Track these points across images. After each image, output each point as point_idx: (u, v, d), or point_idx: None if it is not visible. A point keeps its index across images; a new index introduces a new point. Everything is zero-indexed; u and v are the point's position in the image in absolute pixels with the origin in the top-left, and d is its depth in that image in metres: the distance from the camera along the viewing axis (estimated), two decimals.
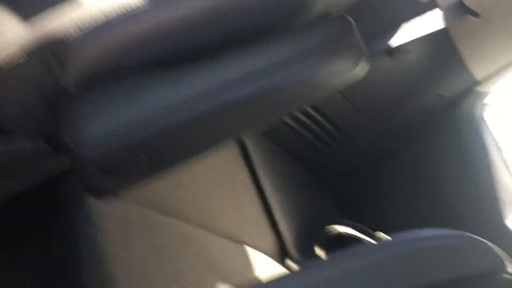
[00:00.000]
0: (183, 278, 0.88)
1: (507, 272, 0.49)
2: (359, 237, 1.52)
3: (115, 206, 0.80)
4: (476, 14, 1.52)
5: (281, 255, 1.37)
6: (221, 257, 1.04)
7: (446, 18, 1.55)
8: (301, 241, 1.47)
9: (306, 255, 1.45)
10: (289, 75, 0.61)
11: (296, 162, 1.82)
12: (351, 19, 0.70)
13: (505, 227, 1.70)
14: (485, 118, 1.93)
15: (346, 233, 1.52)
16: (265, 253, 1.28)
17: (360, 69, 0.68)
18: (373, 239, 1.58)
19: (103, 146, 0.58)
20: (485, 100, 1.92)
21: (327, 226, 1.50)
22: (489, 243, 0.51)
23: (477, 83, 1.82)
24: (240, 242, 1.19)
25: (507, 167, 1.87)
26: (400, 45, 1.58)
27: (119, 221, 0.79)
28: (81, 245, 0.73)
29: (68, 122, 0.62)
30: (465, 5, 1.53)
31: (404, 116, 1.87)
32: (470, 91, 1.85)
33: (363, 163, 1.98)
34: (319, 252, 1.44)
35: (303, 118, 1.74)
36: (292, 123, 1.72)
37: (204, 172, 1.22)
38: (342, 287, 0.46)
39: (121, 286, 0.74)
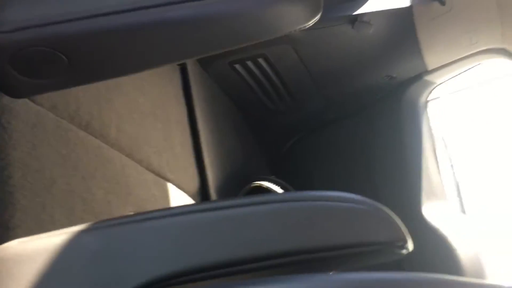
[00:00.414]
0: (90, 197, 0.84)
1: (405, 247, 0.49)
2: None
3: (29, 108, 0.74)
4: (442, 2, 1.53)
5: (202, 200, 1.35)
6: (136, 186, 1.01)
7: None
8: (225, 189, 1.46)
9: None
10: (236, 3, 0.57)
11: (237, 111, 1.79)
12: None
13: (420, 214, 1.78)
14: (427, 107, 1.99)
15: (269, 188, 1.53)
16: (186, 194, 1.26)
17: (312, 21, 0.65)
18: None
19: (19, 32, 0.53)
20: (431, 90, 1.97)
21: (254, 182, 1.50)
22: (394, 215, 0.51)
23: (427, 72, 1.86)
24: (162, 177, 1.16)
25: (435, 158, 1.94)
26: (363, 16, 1.57)
27: (30, 125, 0.73)
28: None
29: None
30: None
31: (352, 89, 1.89)
32: (419, 78, 1.88)
33: (302, 126, 1.99)
34: None
35: (253, 68, 1.70)
36: (241, 71, 1.68)
37: (140, 98, 1.17)
38: (223, 228, 0.45)
39: (21, 193, 0.70)
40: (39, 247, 0.45)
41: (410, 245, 0.50)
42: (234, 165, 1.64)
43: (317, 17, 0.67)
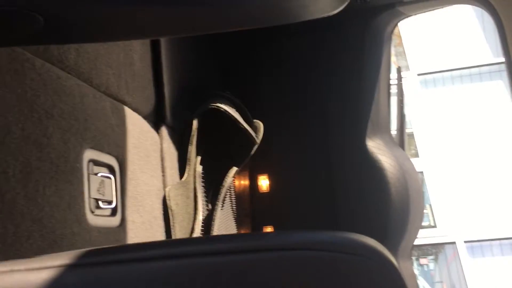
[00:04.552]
0: (46, 141, 0.76)
1: None
2: (235, 118, 1.48)
3: None
4: None
5: (158, 120, 1.28)
6: (94, 118, 0.92)
7: None
8: (180, 108, 1.39)
9: (181, 121, 1.38)
10: None
11: None
12: None
13: (364, 145, 1.82)
14: (391, 39, 1.95)
15: (224, 109, 1.46)
16: (141, 116, 1.18)
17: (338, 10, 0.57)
18: (249, 124, 1.56)
19: None
20: (399, 21, 1.92)
21: (211, 103, 1.42)
22: (396, 264, 0.48)
23: (401, 2, 1.79)
24: (120, 100, 1.07)
25: (388, 90, 1.95)
26: None
27: None
28: None
29: None
30: None
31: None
32: (392, 7, 1.81)
33: (261, 33, 1.89)
34: (195, 123, 1.39)
35: None
36: None
37: None
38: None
39: None
40: (17, 284, 0.39)
41: None
42: (190, 77, 1.54)
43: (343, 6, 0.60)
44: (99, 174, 0.93)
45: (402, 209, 1.76)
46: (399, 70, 2.19)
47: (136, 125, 1.13)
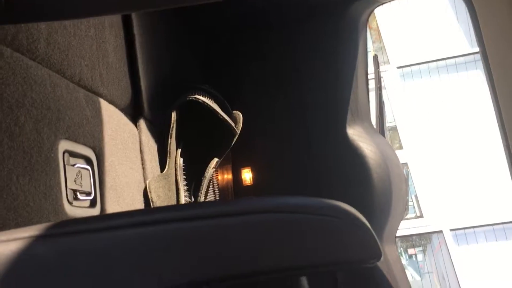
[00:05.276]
0: (18, 130, 0.75)
1: (376, 261, 0.48)
2: (214, 109, 1.48)
3: None
4: None
5: (134, 113, 1.27)
6: (68, 109, 0.91)
7: None
8: (158, 101, 1.38)
9: (159, 114, 1.38)
10: None
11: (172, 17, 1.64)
12: None
13: (344, 133, 1.83)
14: (366, 27, 1.97)
15: (203, 101, 1.46)
16: (118, 108, 1.17)
17: None
18: (229, 115, 1.56)
19: None
20: (373, 10, 1.94)
21: (189, 95, 1.42)
22: (368, 225, 0.49)
23: None
24: (94, 91, 1.06)
25: (366, 78, 1.96)
26: None
27: None
28: None
29: None
30: None
31: None
32: None
33: (236, 24, 1.88)
34: (173, 115, 1.38)
35: None
36: None
37: None
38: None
39: None
40: None
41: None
42: (167, 70, 1.54)
43: None
44: (76, 165, 0.92)
45: (384, 194, 1.77)
46: (376, 58, 2.20)
47: (113, 117, 1.12)
